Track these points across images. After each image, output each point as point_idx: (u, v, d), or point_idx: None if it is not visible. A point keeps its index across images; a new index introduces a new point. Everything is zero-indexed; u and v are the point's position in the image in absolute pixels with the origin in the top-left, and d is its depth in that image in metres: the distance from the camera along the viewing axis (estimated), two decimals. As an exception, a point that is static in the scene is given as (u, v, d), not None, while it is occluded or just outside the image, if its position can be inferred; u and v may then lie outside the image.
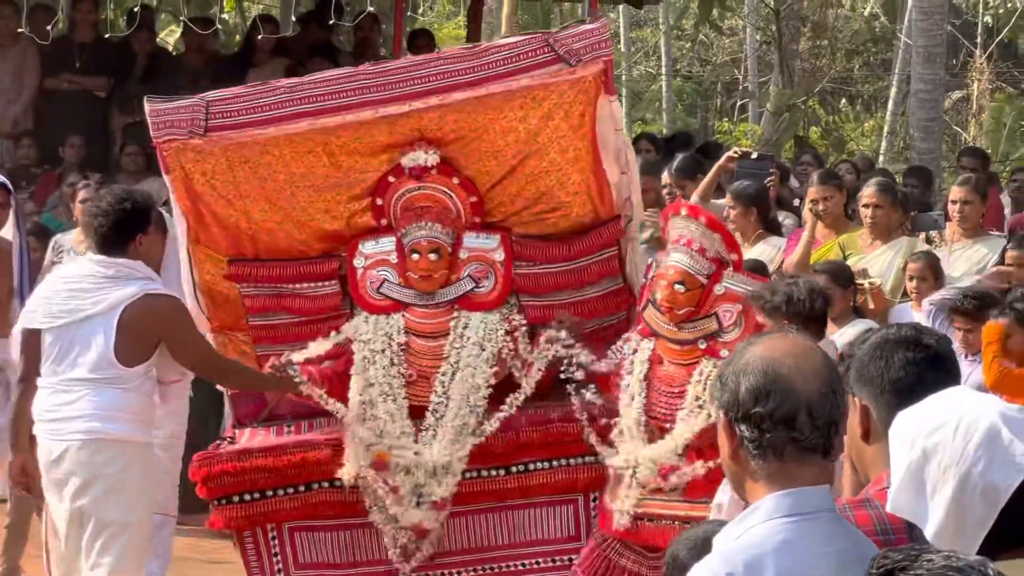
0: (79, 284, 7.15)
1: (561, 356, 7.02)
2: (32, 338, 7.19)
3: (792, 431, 3.19)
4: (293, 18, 14.37)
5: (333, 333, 7.21)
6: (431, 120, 7.16)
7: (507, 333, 7.20)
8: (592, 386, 6.95)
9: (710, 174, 10.40)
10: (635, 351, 6.89)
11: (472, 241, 7.31)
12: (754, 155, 10.88)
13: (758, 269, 8.03)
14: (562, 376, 7.00)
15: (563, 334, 7.03)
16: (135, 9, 14.64)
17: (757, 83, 25.71)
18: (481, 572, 7.22)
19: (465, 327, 7.20)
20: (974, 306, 8.17)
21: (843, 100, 28.46)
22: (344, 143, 7.17)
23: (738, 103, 28.40)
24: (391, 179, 7.25)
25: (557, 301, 7.33)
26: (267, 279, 7.35)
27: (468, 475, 7.12)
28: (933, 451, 3.29)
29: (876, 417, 3.74)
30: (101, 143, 14.16)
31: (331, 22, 13.47)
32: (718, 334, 6.79)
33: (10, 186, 9.24)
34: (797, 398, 3.18)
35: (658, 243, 8.47)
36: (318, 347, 7.15)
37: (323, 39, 14.62)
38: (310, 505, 7.21)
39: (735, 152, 10.70)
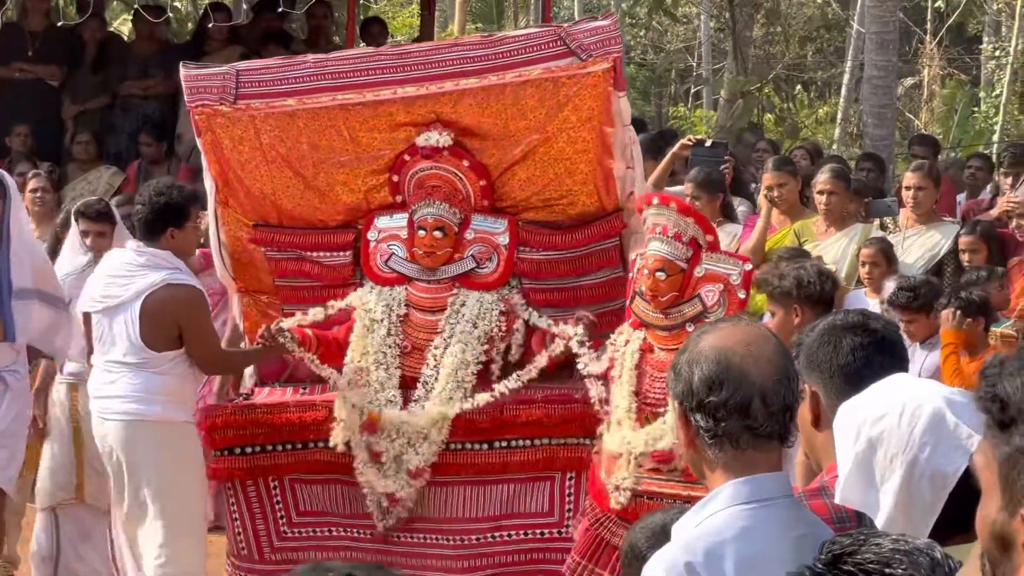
0: (117, 271, 7.50)
1: (573, 353, 7.19)
2: (86, 320, 7.63)
3: (747, 419, 3.21)
4: (245, 6, 14.31)
5: (332, 302, 7.52)
6: (446, 103, 7.47)
7: (502, 314, 7.47)
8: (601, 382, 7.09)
9: (664, 161, 10.42)
10: (627, 342, 6.93)
11: (479, 223, 7.61)
12: (708, 142, 10.89)
13: (801, 257, 8.13)
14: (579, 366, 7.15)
15: (580, 330, 7.18)
16: (86, -3, 14.56)
17: (711, 70, 25.74)
18: (455, 542, 7.38)
19: (462, 304, 7.49)
20: (907, 299, 8.23)
21: (797, 87, 28.55)
22: (364, 120, 7.50)
23: (692, 90, 28.45)
24: (406, 157, 7.56)
25: (557, 286, 7.62)
26: (289, 245, 7.74)
27: (452, 447, 7.33)
28: (879, 440, 3.30)
29: (826, 403, 3.75)
30: (52, 132, 14.06)
31: (281, 10, 13.43)
32: (704, 315, 6.83)
33: None
34: (751, 386, 3.20)
35: None
36: (313, 315, 7.45)
37: (276, 27, 14.55)
38: (307, 462, 7.46)
39: (689, 139, 10.71)
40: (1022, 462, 1.92)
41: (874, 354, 3.81)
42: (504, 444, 7.35)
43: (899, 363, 3.88)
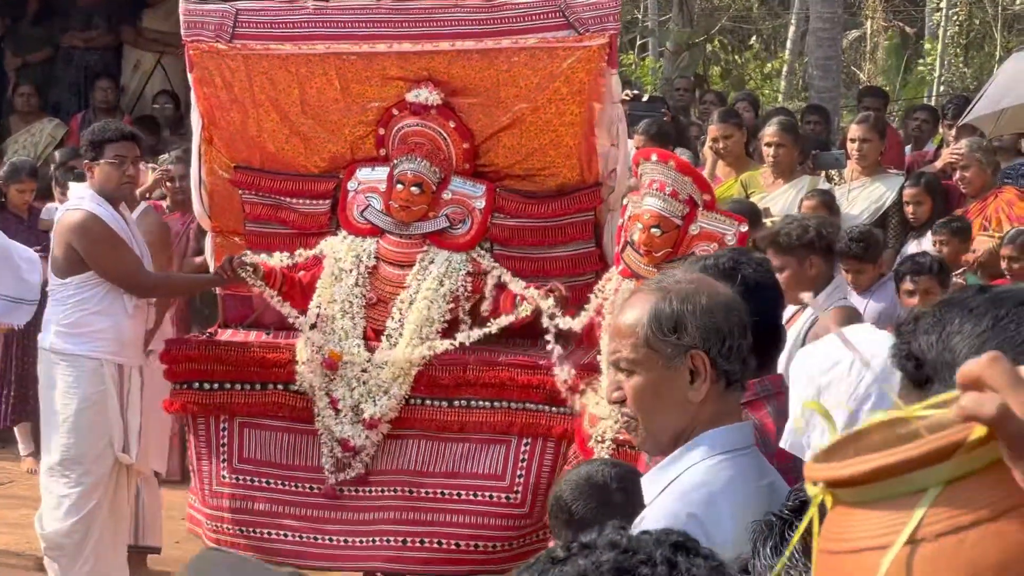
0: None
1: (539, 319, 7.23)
2: None
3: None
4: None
5: (300, 250, 7.55)
6: (440, 62, 7.54)
7: (469, 275, 7.50)
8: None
9: None
10: (616, 291, 6.91)
11: (458, 185, 7.64)
12: (645, 97, 10.92)
13: (751, 211, 8.14)
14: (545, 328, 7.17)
15: (550, 302, 7.20)
16: (27, -52, 14.41)
17: (657, 22, 25.71)
18: (405, 494, 7.38)
19: (431, 262, 7.52)
20: (860, 249, 8.31)
21: (752, 39, 28.54)
22: (356, 71, 7.57)
23: (638, 41, 28.41)
24: (395, 111, 7.62)
25: (525, 255, 7.64)
26: (268, 189, 7.76)
27: (412, 401, 7.36)
28: (827, 388, 3.33)
29: None
30: (-6, 84, 13.97)
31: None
32: None
33: None
34: (742, 332, 3.30)
35: None
36: (276, 259, 7.49)
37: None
38: (263, 404, 7.48)
39: (626, 95, 10.72)
40: None
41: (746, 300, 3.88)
42: (464, 403, 7.35)
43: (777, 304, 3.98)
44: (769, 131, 9.98)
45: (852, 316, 6.73)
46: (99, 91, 13.55)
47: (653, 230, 6.79)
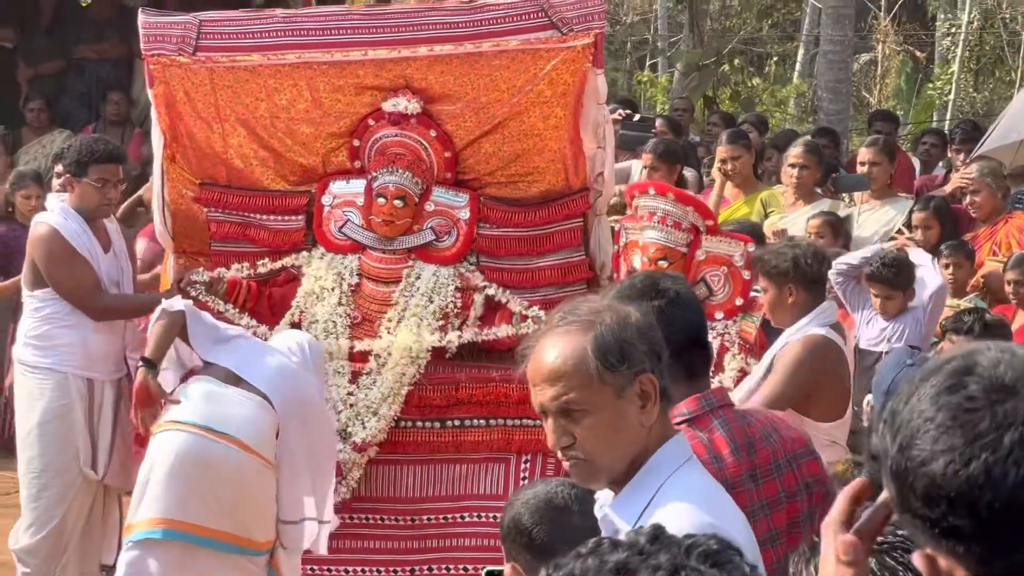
0: None
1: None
2: None
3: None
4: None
5: (262, 261, 7.30)
6: (418, 69, 7.28)
7: (457, 290, 7.24)
8: None
9: None
10: None
11: (441, 196, 7.37)
12: (636, 117, 10.94)
13: (752, 231, 8.10)
14: None
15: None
16: (41, -41, 14.43)
17: (667, 43, 25.72)
18: (404, 522, 7.15)
19: (417, 277, 7.26)
20: (892, 273, 8.26)
21: (769, 61, 28.53)
22: (329, 80, 7.29)
23: (648, 62, 28.42)
24: (371, 122, 7.34)
25: (514, 265, 7.38)
26: (235, 206, 7.44)
27: (403, 424, 7.11)
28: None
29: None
30: (7, 95, 13.95)
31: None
32: (709, 298, 6.82)
33: None
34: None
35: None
36: (234, 271, 7.28)
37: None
38: None
39: (619, 115, 10.74)
40: None
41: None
42: (457, 423, 7.13)
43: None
44: (795, 152, 9.96)
45: (821, 344, 6.61)
46: (110, 104, 13.54)
47: (661, 263, 6.79)
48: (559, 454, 3.28)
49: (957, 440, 1.81)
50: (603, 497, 3.34)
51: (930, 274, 8.43)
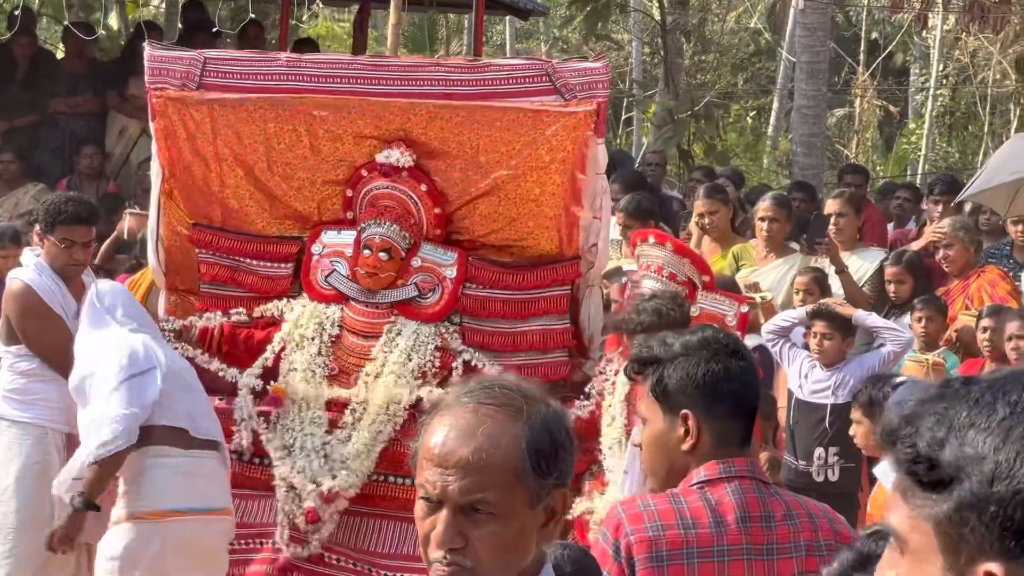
0: None
1: None
2: None
3: None
4: (180, 25, 14.24)
5: (238, 309, 7.24)
6: (418, 122, 7.21)
7: (437, 349, 7.13)
8: None
9: None
10: (616, 372, 6.75)
11: (429, 252, 7.29)
12: None
13: (728, 285, 8.10)
14: None
15: None
16: (16, 12, 14.43)
17: (642, 97, 25.82)
18: (364, 571, 7.03)
19: (398, 333, 7.15)
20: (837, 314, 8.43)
21: (751, 113, 28.66)
22: (328, 127, 7.24)
23: (623, 116, 28.53)
24: (364, 173, 7.28)
25: (496, 328, 7.28)
26: (227, 249, 7.37)
27: (375, 478, 7.01)
28: None
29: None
30: (-19, 148, 13.96)
31: (216, 30, 13.36)
32: None
33: None
34: None
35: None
36: (204, 322, 7.21)
37: (211, 47, 14.49)
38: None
39: None
40: (971, 517, 1.87)
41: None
42: None
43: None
44: (763, 205, 10.03)
45: None
46: (84, 157, 13.55)
47: None
48: (433, 554, 2.69)
49: None
50: None
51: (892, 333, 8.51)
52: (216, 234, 7.38)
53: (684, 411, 3.83)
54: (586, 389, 6.94)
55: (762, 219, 9.91)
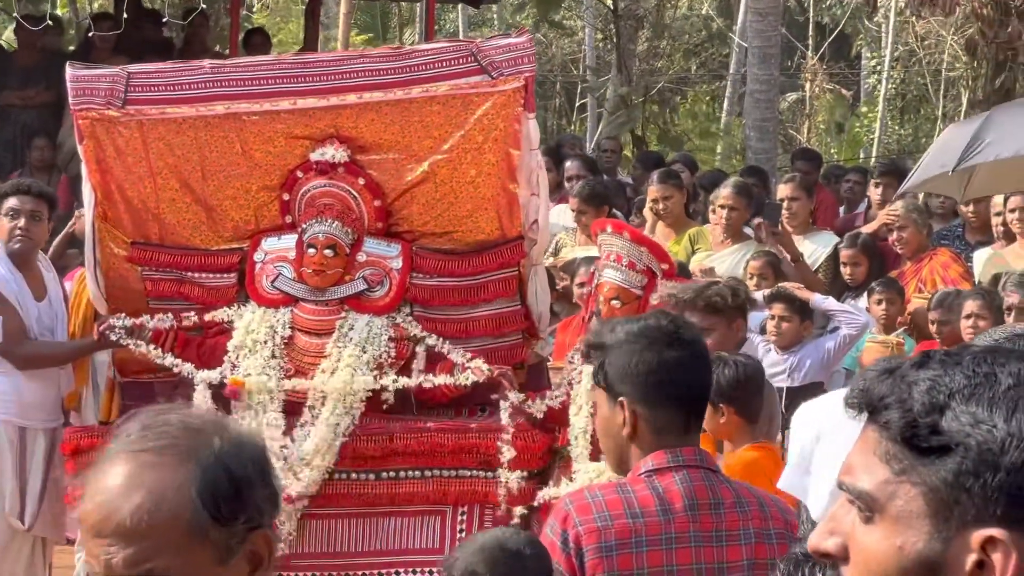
0: None
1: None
2: None
3: None
4: (125, 15, 14.15)
5: (187, 314, 7.16)
6: (348, 117, 7.18)
7: (391, 340, 7.11)
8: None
9: None
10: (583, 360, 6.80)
11: (372, 246, 7.26)
12: None
13: (680, 270, 8.15)
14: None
15: (506, 384, 6.93)
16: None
17: (596, 83, 25.85)
18: None
19: (351, 328, 7.12)
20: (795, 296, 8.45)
21: (706, 98, 28.71)
22: (259, 131, 7.19)
23: (577, 102, 28.56)
24: (299, 174, 7.24)
25: (447, 316, 7.26)
26: (168, 264, 7.32)
27: (337, 476, 6.96)
28: (825, 433, 3.36)
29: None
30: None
31: (165, 20, 13.32)
32: None
33: None
34: None
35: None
36: (156, 322, 7.11)
37: (159, 37, 14.44)
38: None
39: None
40: (974, 484, 1.86)
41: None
42: (392, 474, 6.94)
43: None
44: (724, 193, 9.98)
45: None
46: (35, 150, 13.47)
47: (613, 302, 6.76)
48: None
49: None
50: None
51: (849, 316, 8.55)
52: (156, 251, 7.32)
53: (620, 398, 3.86)
54: (556, 380, 6.93)
55: (722, 206, 9.91)
